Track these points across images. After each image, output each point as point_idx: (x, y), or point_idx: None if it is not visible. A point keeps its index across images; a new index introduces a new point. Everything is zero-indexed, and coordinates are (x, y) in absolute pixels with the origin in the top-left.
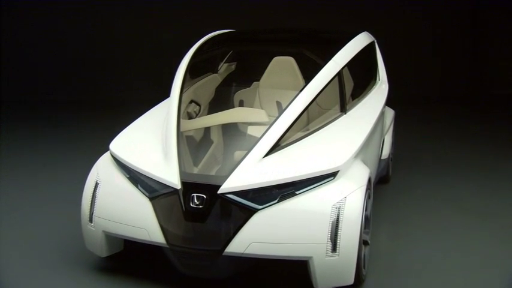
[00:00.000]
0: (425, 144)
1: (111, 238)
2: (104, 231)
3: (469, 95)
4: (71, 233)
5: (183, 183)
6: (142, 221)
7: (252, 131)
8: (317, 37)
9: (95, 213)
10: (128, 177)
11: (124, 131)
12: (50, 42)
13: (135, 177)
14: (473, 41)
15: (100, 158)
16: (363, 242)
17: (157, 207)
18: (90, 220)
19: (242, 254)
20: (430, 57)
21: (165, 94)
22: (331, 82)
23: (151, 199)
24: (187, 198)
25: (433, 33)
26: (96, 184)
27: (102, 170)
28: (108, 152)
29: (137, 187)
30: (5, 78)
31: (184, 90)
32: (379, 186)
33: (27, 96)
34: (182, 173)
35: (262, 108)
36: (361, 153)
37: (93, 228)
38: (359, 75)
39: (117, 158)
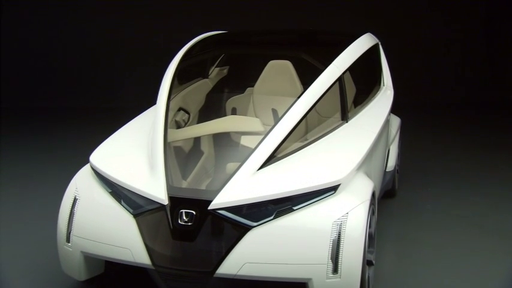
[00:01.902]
0: (434, 155)
1: (90, 259)
2: (82, 252)
3: (482, 101)
4: (45, 254)
5: (171, 199)
6: (125, 240)
7: (245, 141)
8: (316, 39)
9: (73, 232)
10: (109, 192)
11: (106, 141)
12: (28, 48)
13: (118, 192)
14: (486, 41)
15: (79, 171)
16: (367, 263)
17: (142, 224)
18: (68, 240)
19: (235, 275)
20: (439, 60)
21: (151, 101)
22: (332, 88)
23: (135, 216)
24: (175, 214)
25: (441, 34)
26: (75, 200)
27: (81, 184)
28: (88, 164)
29: (120, 203)
30: None
31: (172, 97)
32: (385, 200)
33: (6, 103)
34: (169, 187)
35: (256, 117)
36: (365, 165)
37: (71, 249)
38: (362, 81)
39: (98, 171)
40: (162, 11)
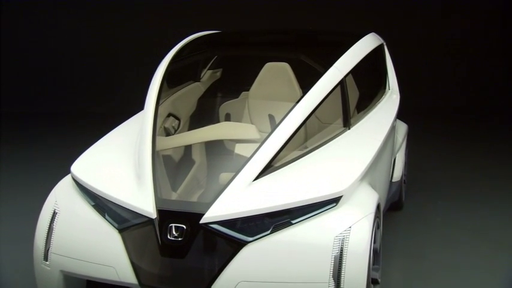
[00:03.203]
0: (444, 164)
1: (70, 279)
2: (62, 271)
3: (493, 105)
4: (21, 274)
5: (159, 212)
6: (109, 257)
7: (240, 149)
8: (316, 39)
9: (52, 249)
10: (92, 205)
11: (89, 150)
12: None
13: (102, 205)
14: (501, 42)
15: (59, 183)
16: (372, 281)
17: (127, 240)
18: (45, 258)
19: None
20: (447, 62)
21: (139, 106)
22: (333, 92)
23: (120, 231)
24: (164, 229)
25: (451, 35)
26: (54, 214)
27: (61, 196)
28: (69, 175)
29: (104, 217)
30: None
31: (160, 102)
32: (391, 213)
33: None
34: (158, 199)
35: (252, 123)
36: (369, 175)
37: (49, 268)
38: (365, 84)
39: (80, 182)
40: (158, 10)
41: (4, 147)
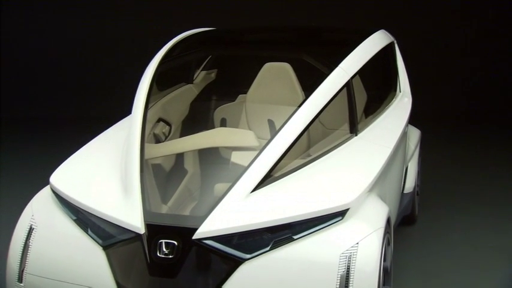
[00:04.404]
0: (461, 174)
1: None
2: None
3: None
4: None
5: (148, 226)
6: (92, 277)
7: (237, 158)
8: (320, 37)
9: (27, 269)
10: (73, 220)
11: (70, 158)
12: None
13: (84, 220)
14: None
15: (36, 195)
16: None
17: (113, 258)
18: (19, 279)
19: None
20: (463, 62)
21: (126, 110)
22: (339, 95)
23: (105, 248)
24: (153, 245)
25: (466, 33)
26: (30, 229)
27: (39, 210)
28: (48, 186)
29: (86, 232)
30: None
31: (149, 106)
32: (403, 228)
33: None
34: (146, 212)
35: (250, 129)
36: (378, 186)
37: None
38: (374, 86)
39: (60, 194)
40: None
41: None
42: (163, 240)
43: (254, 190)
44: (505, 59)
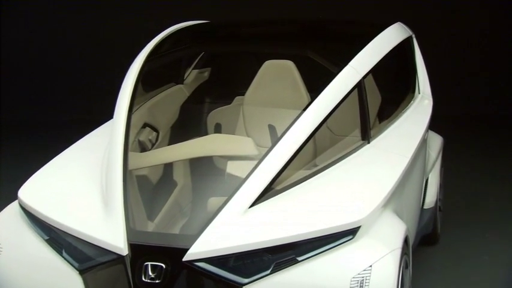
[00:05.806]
0: (490, 187)
1: None
2: None
3: None
4: None
5: (132, 247)
6: None
7: (233, 168)
8: (328, 31)
9: None
10: (46, 240)
11: (42, 169)
12: None
13: (58, 240)
14: None
15: (2, 212)
16: None
17: (90, 283)
18: None
19: None
20: (488, 59)
21: (108, 114)
22: (348, 97)
23: (82, 272)
24: (138, 268)
25: (489, 26)
26: None
27: (6, 229)
28: (16, 201)
29: (60, 254)
30: None
31: (134, 109)
32: (423, 248)
33: None
34: (130, 231)
35: (248, 135)
36: (393, 200)
37: None
38: (389, 87)
39: (30, 210)
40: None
41: None
42: (149, 263)
43: (253, 205)
44: None
